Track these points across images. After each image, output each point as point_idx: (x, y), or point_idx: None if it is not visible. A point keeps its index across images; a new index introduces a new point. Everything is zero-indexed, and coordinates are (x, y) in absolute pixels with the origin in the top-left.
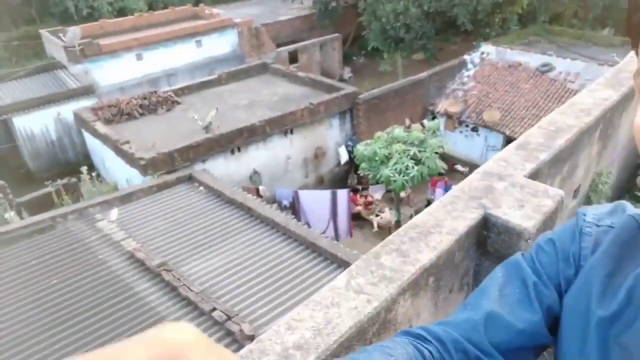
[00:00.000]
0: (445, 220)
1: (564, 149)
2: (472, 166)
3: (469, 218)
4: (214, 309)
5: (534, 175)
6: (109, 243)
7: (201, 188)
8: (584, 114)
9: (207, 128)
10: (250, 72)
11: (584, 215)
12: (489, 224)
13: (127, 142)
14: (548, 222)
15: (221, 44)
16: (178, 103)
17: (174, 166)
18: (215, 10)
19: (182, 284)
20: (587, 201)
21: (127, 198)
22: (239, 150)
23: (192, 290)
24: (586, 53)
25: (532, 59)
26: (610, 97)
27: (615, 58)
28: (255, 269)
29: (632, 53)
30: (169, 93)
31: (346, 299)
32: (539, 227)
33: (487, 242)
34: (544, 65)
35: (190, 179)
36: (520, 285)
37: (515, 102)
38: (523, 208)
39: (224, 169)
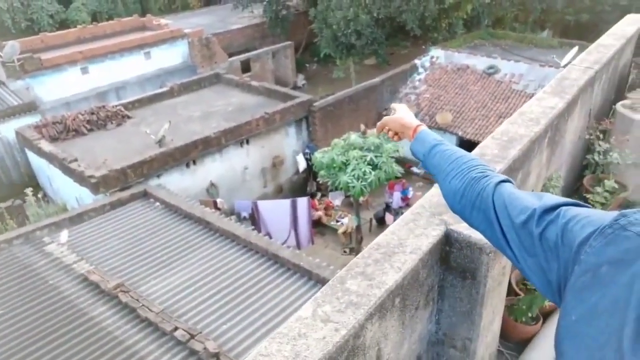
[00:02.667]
0: (408, 239)
1: (517, 158)
2: None
3: (431, 235)
4: (176, 329)
5: None
6: (59, 267)
7: (157, 204)
8: (533, 123)
9: (160, 142)
10: (202, 83)
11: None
12: (451, 239)
13: (75, 160)
14: None
15: (171, 55)
16: (129, 117)
17: (127, 183)
18: (163, 21)
19: (141, 304)
20: None
21: (78, 218)
22: (194, 163)
23: (151, 311)
24: (528, 55)
25: (479, 62)
26: (556, 105)
27: (555, 59)
28: (217, 285)
29: (573, 51)
30: (118, 107)
31: (314, 329)
32: None
33: (449, 257)
34: (490, 67)
35: (145, 195)
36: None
37: (465, 104)
38: None
39: (179, 183)
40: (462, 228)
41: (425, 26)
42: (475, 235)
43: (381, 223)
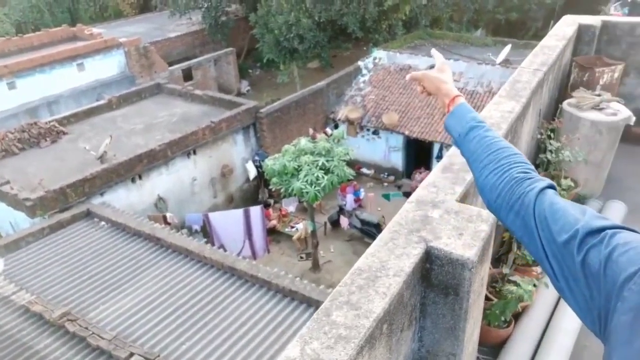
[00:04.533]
0: (389, 260)
1: None
2: (377, 168)
3: (412, 255)
4: (132, 354)
5: (464, 198)
6: None
7: (102, 223)
8: (495, 128)
9: (102, 158)
10: (143, 94)
11: None
12: (432, 256)
13: (7, 182)
14: (486, 246)
15: (107, 66)
16: (64, 133)
17: (67, 203)
18: (96, 30)
19: (90, 332)
20: None
21: (14, 245)
22: (140, 177)
23: (103, 338)
24: (465, 53)
25: (420, 62)
26: (513, 108)
27: (491, 57)
28: (173, 304)
29: (507, 49)
30: (52, 123)
31: None
32: (479, 254)
33: (430, 274)
34: (431, 66)
35: (88, 214)
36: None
37: (410, 103)
38: (462, 236)
39: (126, 200)
40: (442, 244)
41: (366, 28)
42: (456, 252)
43: (335, 226)
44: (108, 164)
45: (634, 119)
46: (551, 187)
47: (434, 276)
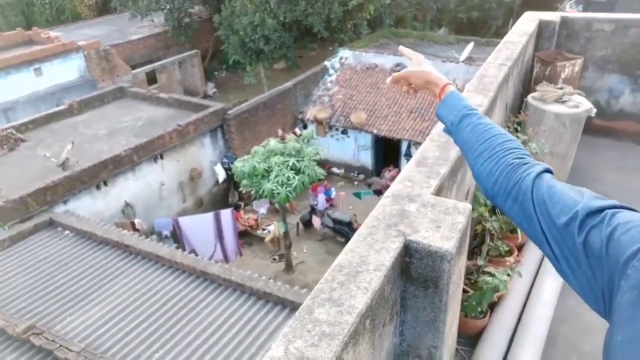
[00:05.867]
0: (369, 255)
1: (457, 159)
2: (347, 167)
3: (391, 249)
4: None
5: (439, 191)
6: None
7: (67, 232)
8: None
9: (63, 165)
10: (105, 98)
11: None
12: (411, 250)
13: None
14: (463, 238)
15: (66, 70)
16: (22, 140)
17: (28, 213)
18: (53, 34)
19: (58, 345)
20: (475, 199)
21: None
22: (105, 184)
23: (71, 350)
24: (430, 51)
25: (386, 60)
26: (482, 102)
27: (455, 54)
28: (144, 311)
29: (469, 47)
30: (9, 130)
31: None
32: (457, 245)
33: (410, 268)
34: (397, 65)
35: (51, 224)
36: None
37: (377, 102)
38: (440, 229)
39: (91, 207)
40: (420, 237)
41: (331, 28)
42: (435, 244)
43: (308, 226)
44: (70, 171)
45: (594, 110)
46: (548, 171)
47: (414, 269)
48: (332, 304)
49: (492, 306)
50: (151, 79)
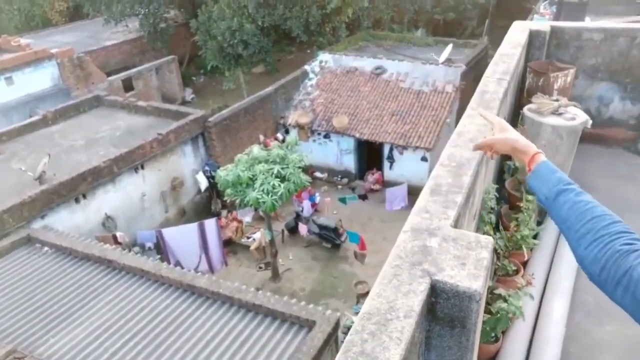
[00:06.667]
0: (397, 299)
1: (470, 185)
2: (330, 171)
3: (419, 291)
4: None
5: (457, 222)
6: None
7: (46, 249)
8: (474, 143)
9: (40, 178)
10: (81, 108)
11: None
12: (437, 290)
13: None
14: (488, 274)
15: (39, 79)
16: None
17: (4, 230)
18: (23, 41)
19: None
20: (481, 218)
21: None
22: (84, 197)
23: None
24: (409, 53)
25: (366, 63)
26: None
27: (434, 56)
28: (131, 328)
29: (448, 48)
30: None
31: None
32: (484, 283)
33: (436, 308)
34: (377, 68)
35: (29, 240)
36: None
37: (359, 106)
38: (465, 266)
39: (70, 221)
40: (447, 277)
41: (310, 31)
42: (463, 284)
43: (293, 232)
44: (48, 184)
45: (590, 122)
46: None
47: (439, 309)
48: (366, 357)
49: (505, 329)
50: (128, 85)
